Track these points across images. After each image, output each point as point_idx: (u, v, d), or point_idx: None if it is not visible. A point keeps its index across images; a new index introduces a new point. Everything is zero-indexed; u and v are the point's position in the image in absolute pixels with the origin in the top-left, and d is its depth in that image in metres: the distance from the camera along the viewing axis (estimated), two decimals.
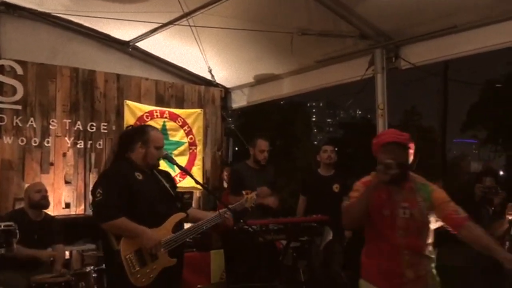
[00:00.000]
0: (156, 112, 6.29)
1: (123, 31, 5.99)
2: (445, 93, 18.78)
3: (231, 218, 3.35)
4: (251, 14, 5.10)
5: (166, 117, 6.35)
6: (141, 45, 6.30)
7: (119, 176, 3.10)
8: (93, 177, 5.73)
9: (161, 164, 3.37)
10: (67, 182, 5.60)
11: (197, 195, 6.51)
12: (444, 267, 4.05)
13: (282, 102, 25.39)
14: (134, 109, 6.11)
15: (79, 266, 4.94)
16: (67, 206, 5.57)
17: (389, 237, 2.77)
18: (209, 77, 6.67)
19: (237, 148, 9.98)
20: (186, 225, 3.31)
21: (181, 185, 5.70)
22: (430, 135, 22.24)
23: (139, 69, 6.48)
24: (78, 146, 5.70)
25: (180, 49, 6.24)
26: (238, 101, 7.16)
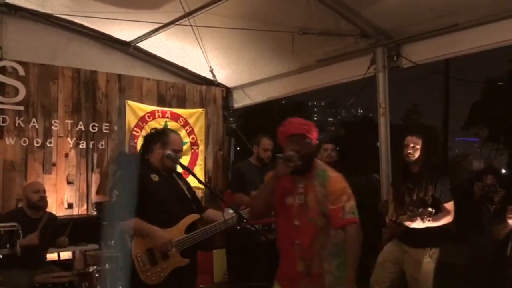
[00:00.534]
0: (158, 112, 6.31)
1: (125, 32, 6.00)
2: (447, 91, 18.75)
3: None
4: (252, 14, 5.11)
5: (167, 117, 6.37)
6: (142, 45, 6.31)
7: (135, 178, 3.14)
8: (95, 177, 5.76)
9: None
10: (69, 182, 5.62)
11: (200, 194, 6.52)
12: (447, 265, 4.05)
13: (284, 102, 25.45)
14: (136, 109, 6.12)
15: (82, 266, 4.95)
16: (70, 206, 5.59)
17: (287, 227, 2.68)
18: (210, 76, 6.68)
19: (239, 148, 9.98)
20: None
21: None
22: (432, 133, 22.24)
23: (141, 69, 6.50)
24: (80, 146, 5.71)
25: (181, 49, 6.25)
26: (240, 100, 7.17)
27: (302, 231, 2.62)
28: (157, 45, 6.29)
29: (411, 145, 3.93)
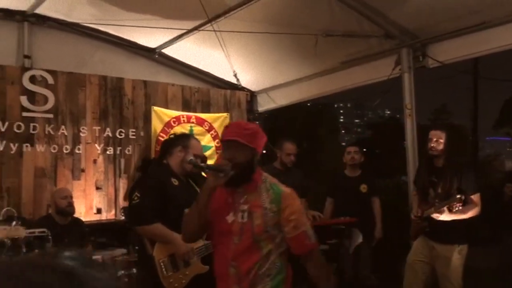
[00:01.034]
0: (183, 117, 6.36)
1: (149, 38, 6.08)
2: (476, 90, 18.38)
3: None
4: (274, 18, 5.11)
5: (193, 122, 6.42)
6: (167, 51, 6.39)
7: (156, 181, 3.16)
8: (123, 183, 5.84)
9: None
10: (98, 188, 5.71)
11: None
12: (477, 270, 3.94)
13: (309, 104, 25.32)
14: (161, 115, 6.19)
15: None
16: (98, 211, 5.68)
17: (224, 248, 2.33)
18: (234, 81, 6.71)
19: (265, 151, 9.97)
20: None
21: None
22: (462, 132, 21.77)
23: (166, 75, 6.57)
24: (108, 152, 5.81)
25: (205, 54, 6.29)
26: (264, 104, 7.17)
27: (242, 252, 2.28)
28: (181, 51, 6.36)
29: (435, 139, 3.86)
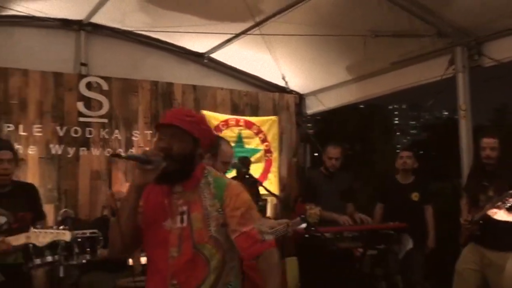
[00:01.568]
0: (232, 121, 6.42)
1: (198, 43, 6.19)
2: None
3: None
4: (321, 20, 5.05)
5: (241, 125, 6.46)
6: (215, 56, 6.47)
7: None
8: None
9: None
10: None
11: (274, 202, 6.53)
12: None
13: (362, 106, 24.87)
14: (211, 119, 6.26)
15: None
16: None
17: (160, 262, 1.90)
18: (282, 84, 6.70)
19: (316, 154, 9.88)
20: None
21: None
22: None
23: (215, 79, 6.65)
24: None
25: (253, 57, 6.33)
26: (313, 107, 7.11)
27: (183, 267, 1.86)
28: (229, 55, 6.42)
29: (489, 147, 3.71)
